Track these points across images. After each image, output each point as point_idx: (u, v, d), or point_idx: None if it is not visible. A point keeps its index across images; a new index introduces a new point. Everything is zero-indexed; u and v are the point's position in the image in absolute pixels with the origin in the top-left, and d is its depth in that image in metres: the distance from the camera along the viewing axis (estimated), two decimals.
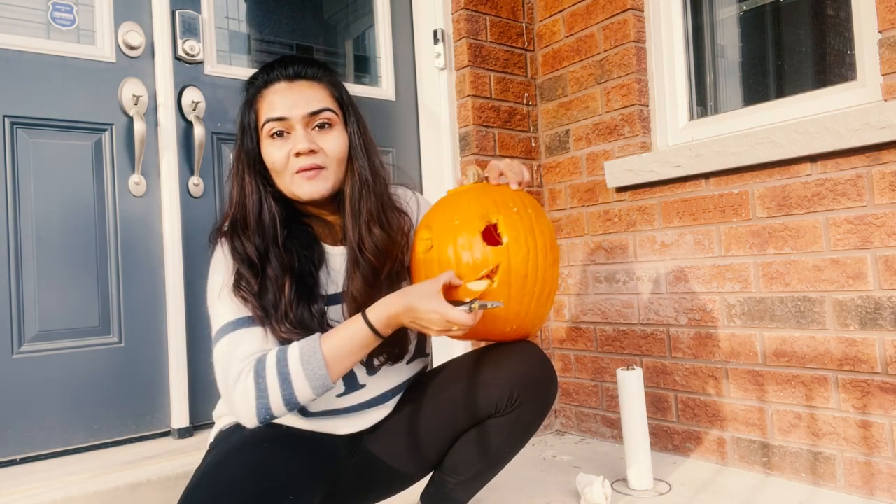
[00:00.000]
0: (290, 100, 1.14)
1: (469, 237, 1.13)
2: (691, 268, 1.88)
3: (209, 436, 1.29)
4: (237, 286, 1.12)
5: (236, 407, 1.08)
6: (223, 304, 1.12)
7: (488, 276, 1.13)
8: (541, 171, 2.34)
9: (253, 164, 1.17)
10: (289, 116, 1.13)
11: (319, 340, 1.07)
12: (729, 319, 1.80)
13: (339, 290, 1.21)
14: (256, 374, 1.05)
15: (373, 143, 1.23)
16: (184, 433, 1.73)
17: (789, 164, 1.66)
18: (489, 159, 2.21)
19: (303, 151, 1.12)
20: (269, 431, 1.13)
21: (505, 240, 1.13)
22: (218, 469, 1.06)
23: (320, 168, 1.14)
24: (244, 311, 1.11)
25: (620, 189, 2.07)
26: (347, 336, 1.08)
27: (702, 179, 1.85)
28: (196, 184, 1.83)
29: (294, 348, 1.07)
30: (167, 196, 1.76)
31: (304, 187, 1.14)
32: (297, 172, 1.13)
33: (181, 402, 1.74)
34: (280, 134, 1.14)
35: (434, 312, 1.04)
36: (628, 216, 2.05)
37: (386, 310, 1.08)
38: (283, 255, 1.14)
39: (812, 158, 1.63)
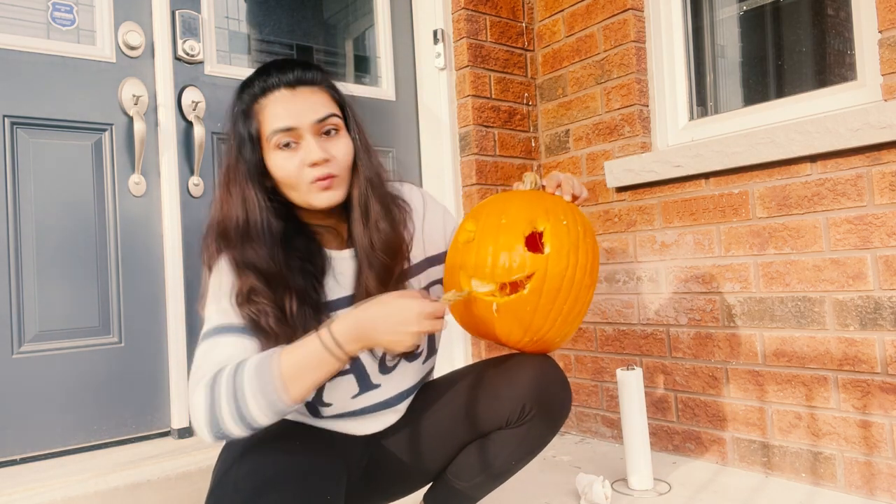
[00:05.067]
0: (295, 108, 1.10)
1: (511, 239, 1.11)
2: (691, 268, 1.88)
3: None
4: (237, 298, 1.08)
5: (193, 416, 1.01)
6: (213, 308, 1.09)
7: (515, 284, 1.11)
8: (541, 171, 2.34)
9: (255, 177, 1.12)
10: (298, 126, 1.09)
11: (279, 351, 1.00)
12: (729, 319, 1.80)
13: (348, 293, 1.19)
14: (213, 381, 0.99)
15: (370, 142, 1.21)
16: (184, 433, 1.73)
17: (789, 164, 1.66)
18: (489, 159, 2.21)
19: (318, 161, 1.09)
20: (285, 427, 1.12)
21: (547, 249, 1.11)
22: (241, 467, 1.05)
23: (333, 177, 1.12)
24: (233, 319, 1.07)
25: (620, 189, 2.07)
26: (307, 350, 1.00)
27: (702, 179, 1.85)
28: (196, 184, 1.83)
29: (253, 357, 1.00)
30: (167, 196, 1.76)
31: (321, 197, 1.12)
32: (313, 183, 1.11)
33: (181, 402, 1.74)
34: (288, 144, 1.10)
35: (410, 304, 1.01)
36: (628, 216, 2.05)
37: (352, 318, 1.02)
38: (285, 268, 1.11)
39: (812, 158, 1.63)
